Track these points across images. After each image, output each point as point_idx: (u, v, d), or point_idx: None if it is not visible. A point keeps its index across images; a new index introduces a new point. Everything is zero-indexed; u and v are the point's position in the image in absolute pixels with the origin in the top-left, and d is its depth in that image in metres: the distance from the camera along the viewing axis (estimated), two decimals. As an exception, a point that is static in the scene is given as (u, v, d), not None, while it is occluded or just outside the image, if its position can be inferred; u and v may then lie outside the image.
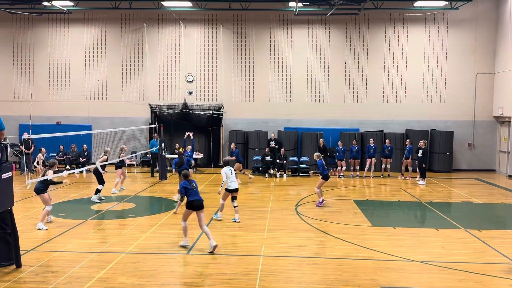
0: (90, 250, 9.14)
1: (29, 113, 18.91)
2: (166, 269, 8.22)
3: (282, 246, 9.73)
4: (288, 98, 22.70)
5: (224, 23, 22.65)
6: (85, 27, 23.02)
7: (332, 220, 11.96)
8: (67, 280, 7.56)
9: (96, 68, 23.11)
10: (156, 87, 23.00)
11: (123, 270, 8.07)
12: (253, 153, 21.46)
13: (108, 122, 22.67)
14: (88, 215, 12.31)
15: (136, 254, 8.99)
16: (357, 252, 9.30)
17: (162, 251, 9.27)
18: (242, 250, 9.32)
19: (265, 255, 9.03)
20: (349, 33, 22.39)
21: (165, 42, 22.90)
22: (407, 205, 14.38)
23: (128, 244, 9.66)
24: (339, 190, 16.86)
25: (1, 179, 7.53)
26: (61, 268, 8.11)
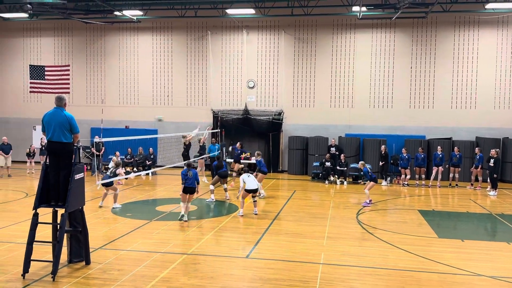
0: (154, 250, 9.47)
1: (100, 117, 20.00)
2: (226, 272, 8.34)
3: (343, 254, 9.55)
4: (350, 104, 22.32)
5: (286, 29, 22.72)
6: (153, 35, 24.01)
7: (395, 230, 11.57)
8: (132, 278, 7.88)
9: (163, 74, 24.02)
10: (219, 92, 23.49)
11: (184, 271, 8.28)
12: (313, 159, 21.28)
13: (173, 127, 23.44)
14: (153, 216, 12.77)
15: (197, 256, 9.20)
16: (421, 264, 8.93)
17: (222, 253, 9.42)
18: (301, 257, 9.24)
19: (325, 263, 8.91)
20: (415, 37, 21.66)
21: (228, 49, 23.36)
22: (476, 216, 13.62)
23: (189, 245, 9.91)
24: (403, 199, 16.30)
25: (74, 180, 8.00)
26: (127, 266, 8.47)
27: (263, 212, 13.44)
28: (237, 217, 12.75)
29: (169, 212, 13.33)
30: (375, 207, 14.44)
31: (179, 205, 13.15)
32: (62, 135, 7.94)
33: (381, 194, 16.98)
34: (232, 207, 14.24)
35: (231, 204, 14.65)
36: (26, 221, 11.42)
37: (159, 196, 16.16)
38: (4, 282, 7.57)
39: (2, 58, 25.42)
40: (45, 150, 20.73)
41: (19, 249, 9.18)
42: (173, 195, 16.19)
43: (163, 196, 16.19)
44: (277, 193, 17.26)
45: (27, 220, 11.38)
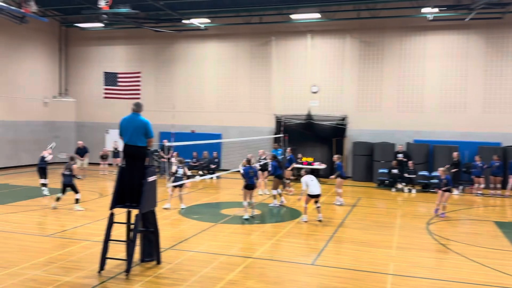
0: (220, 252, 9.63)
1: (169, 122, 20.71)
2: (291, 278, 8.30)
3: (413, 266, 9.18)
4: (419, 108, 21.52)
5: (352, 32, 22.36)
6: (218, 42, 24.57)
7: (469, 242, 10.97)
8: (201, 279, 8.06)
9: (227, 80, 24.48)
10: (282, 97, 23.54)
11: (250, 275, 8.35)
12: (378, 166, 20.70)
13: (236, 131, 23.79)
14: (218, 218, 13.01)
15: (262, 260, 9.24)
16: (498, 279, 8.39)
17: (286, 259, 9.39)
18: (369, 267, 9.00)
19: (394, 273, 8.62)
20: (490, 38, 20.50)
21: (292, 54, 23.37)
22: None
23: (254, 249, 9.98)
24: (476, 209, 15.44)
25: (147, 182, 8.33)
26: (195, 267, 8.68)
27: (327, 219, 13.25)
28: (301, 223, 12.67)
29: (234, 215, 13.51)
30: (446, 217, 13.77)
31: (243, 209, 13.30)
32: (138, 139, 8.33)
33: (453, 204, 16.17)
34: (295, 212, 14.17)
35: (294, 210, 14.59)
36: (101, 220, 12.08)
37: (224, 200, 16.45)
38: (81, 278, 8.02)
39: (80, 66, 27.10)
40: (117, 153, 21.92)
41: (95, 247, 9.71)
42: (237, 198, 16.34)
43: (228, 199, 16.45)
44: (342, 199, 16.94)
45: (101, 220, 12.03)
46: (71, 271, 8.31)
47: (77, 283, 7.75)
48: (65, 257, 9.18)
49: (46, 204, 14.49)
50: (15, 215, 12.97)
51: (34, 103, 25.29)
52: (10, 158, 23.88)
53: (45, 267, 8.54)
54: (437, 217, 13.66)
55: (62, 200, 13.99)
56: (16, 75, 24.17)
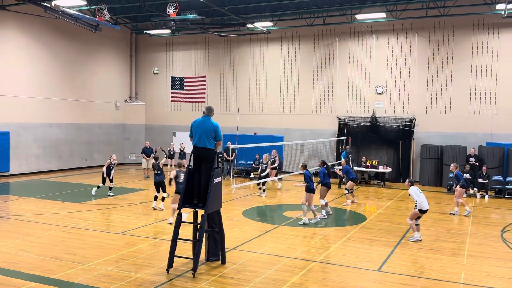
0: (283, 255, 9.66)
1: (233, 125, 21.11)
2: (356, 284, 8.15)
3: (486, 275, 8.70)
4: (493, 110, 20.35)
5: (420, 31, 21.59)
6: (281, 45, 24.68)
7: (550, 253, 10.21)
8: (264, 280, 8.13)
9: (289, 82, 24.52)
10: (345, 99, 23.19)
11: (314, 279, 8.30)
12: (448, 170, 19.71)
13: (298, 134, 23.75)
14: (281, 221, 13.05)
15: (326, 264, 9.15)
16: None
17: (351, 264, 9.23)
18: (438, 275, 8.64)
19: (466, 283, 8.21)
20: None
21: (356, 55, 22.97)
22: None
23: (317, 253, 9.91)
24: (558, 218, 14.32)
25: (213, 183, 8.55)
26: (259, 268, 8.77)
27: (393, 224, 12.88)
28: (364, 228, 12.40)
29: (296, 218, 13.49)
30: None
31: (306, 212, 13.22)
32: (207, 141, 8.61)
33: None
34: (358, 216, 13.89)
35: (357, 214, 14.31)
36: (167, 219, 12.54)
37: (285, 202, 16.46)
38: (151, 275, 8.37)
39: (149, 71, 28.30)
40: (184, 154, 22.60)
41: (164, 245, 10.10)
42: (299, 201, 16.32)
43: (289, 202, 16.45)
44: (408, 204, 16.40)
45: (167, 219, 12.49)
46: (141, 268, 8.70)
47: (146, 280, 8.09)
48: (135, 254, 9.62)
49: (110, 203, 15.26)
50: (90, 213, 13.79)
51: (106, 107, 26.75)
52: (85, 159, 25.40)
53: (117, 263, 8.99)
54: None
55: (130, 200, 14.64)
56: (90, 80, 25.71)
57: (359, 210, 14.94)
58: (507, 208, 15.68)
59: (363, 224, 12.87)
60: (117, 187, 18.30)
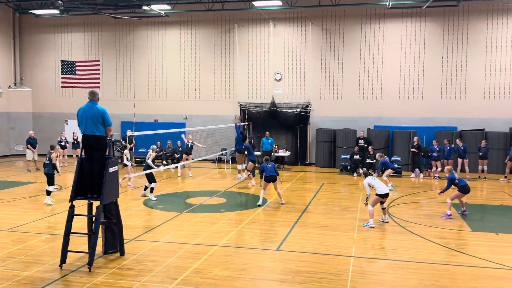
0: (185, 242, 9.60)
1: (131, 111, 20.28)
2: (257, 264, 8.38)
3: (374, 248, 9.47)
4: (379, 95, 22.00)
5: (314, 20, 22.51)
6: (180, 29, 24.19)
7: (427, 223, 11.39)
8: (165, 269, 8.02)
9: (190, 68, 24.20)
10: (245, 85, 23.51)
11: (216, 262, 8.38)
12: (341, 152, 21.09)
13: (200, 120, 23.63)
14: (183, 208, 12.94)
15: (228, 248, 9.28)
16: (455, 258, 8.77)
17: (252, 246, 9.47)
18: (332, 250, 9.21)
19: (356, 256, 8.85)
20: (446, 26, 21.12)
21: (255, 41, 23.32)
22: (511, 209, 13.26)
23: (220, 237, 10.00)
24: (434, 192, 16.00)
25: (108, 173, 8.17)
26: (160, 257, 8.62)
27: (291, 204, 13.44)
28: (266, 210, 12.79)
29: (199, 204, 13.48)
30: (405, 199, 14.23)
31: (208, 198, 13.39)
32: (95, 128, 8.13)
33: (412, 187, 16.73)
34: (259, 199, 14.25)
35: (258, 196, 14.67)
36: (61, 213, 11.79)
37: (189, 189, 16.36)
38: (42, 272, 7.82)
39: (35, 54, 26.08)
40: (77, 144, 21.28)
41: (56, 240, 9.48)
42: (203, 187, 16.38)
43: (193, 188, 16.38)
44: (305, 185, 17.23)
45: (62, 212, 11.74)
46: (31, 266, 8.09)
47: (37, 278, 7.55)
48: (24, 251, 8.91)
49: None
50: (-30, 210, 12.46)
51: (-13, 94, 24.22)
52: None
53: (3, 262, 8.27)
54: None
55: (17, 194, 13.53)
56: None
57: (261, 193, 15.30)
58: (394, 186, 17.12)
59: (264, 206, 13.24)
60: (2, 181, 16.75)
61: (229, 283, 7.46)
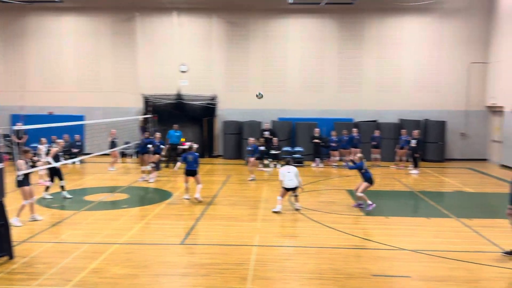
0: (83, 241, 9.14)
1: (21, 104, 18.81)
2: (160, 260, 8.24)
3: (276, 236, 9.79)
4: (283, 88, 22.65)
5: (218, 12, 22.48)
6: (76, 16, 22.77)
7: (326, 210, 12.02)
8: (60, 271, 7.57)
9: (89, 58, 22.91)
10: (150, 77, 22.85)
11: (116, 261, 8.08)
12: (247, 144, 21.38)
13: (101, 112, 22.52)
14: (81, 206, 12.28)
15: (130, 245, 9.00)
16: (349, 241, 9.36)
17: (155, 241, 9.29)
18: (236, 240, 9.35)
19: (259, 245, 9.07)
20: (343, 22, 22.31)
21: (158, 31, 22.72)
22: (399, 194, 14.48)
23: (121, 235, 9.66)
24: (332, 180, 16.93)
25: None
26: (54, 259, 8.11)
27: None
28: (170, 204, 12.59)
29: (99, 201, 12.88)
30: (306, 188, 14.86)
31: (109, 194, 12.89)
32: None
33: (312, 176, 17.52)
34: (165, 194, 14.02)
35: (163, 191, 14.42)
36: None
37: (88, 185, 15.54)
38: None
39: None
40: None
41: None
42: (103, 183, 15.68)
43: (92, 185, 15.59)
44: (212, 178, 17.25)
45: None
46: None
47: None
48: None
49: None
50: None
51: None
52: None
53: None
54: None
55: None
56: None
57: (166, 187, 15.05)
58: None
59: (169, 200, 13.04)
60: None
61: (129, 281, 7.24)
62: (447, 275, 7.60)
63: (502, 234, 9.67)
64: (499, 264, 8.14)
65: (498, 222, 10.77)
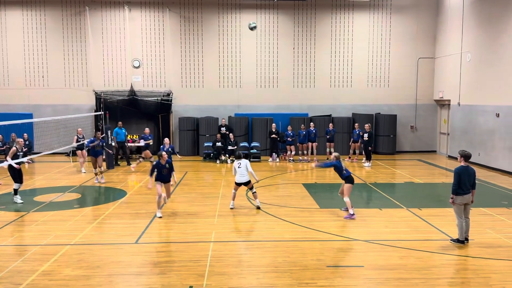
0: (33, 243, 8.80)
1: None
2: (113, 260, 8.06)
3: (232, 231, 9.80)
4: (238, 84, 22.65)
5: (171, 6, 22.14)
6: (22, 10, 21.79)
7: (282, 204, 12.14)
8: (9, 274, 7.25)
9: (36, 53, 22.01)
10: (101, 72, 22.24)
11: (68, 262, 7.83)
12: (204, 140, 21.30)
13: (50, 110, 21.74)
14: (31, 207, 11.80)
15: (82, 246, 8.75)
16: (304, 234, 9.51)
17: (108, 241, 9.07)
18: (192, 237, 9.29)
19: (215, 240, 9.05)
20: (297, 18, 22.54)
21: (109, 26, 22.12)
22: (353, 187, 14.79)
23: (73, 235, 9.37)
24: (288, 174, 17.12)
25: None
26: (2, 262, 7.77)
27: (153, 195, 13.17)
28: (124, 203, 12.33)
29: (50, 202, 12.43)
30: (264, 182, 14.97)
31: (60, 194, 12.49)
32: None
33: (269, 171, 17.65)
34: (118, 192, 13.72)
35: (117, 190, 14.10)
36: None
37: (38, 186, 14.95)
38: None
39: None
40: None
41: None
42: (53, 183, 15.14)
43: (42, 185, 15.00)
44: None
45: None
46: None
47: None
48: None
49: None
50: None
51: None
52: None
53: None
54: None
55: None
56: None
57: (120, 186, 14.73)
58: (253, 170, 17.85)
59: (123, 199, 12.77)
60: None
61: (82, 282, 7.04)
62: (398, 264, 7.88)
63: (450, 223, 10.13)
64: (448, 251, 8.51)
65: (446, 211, 11.27)
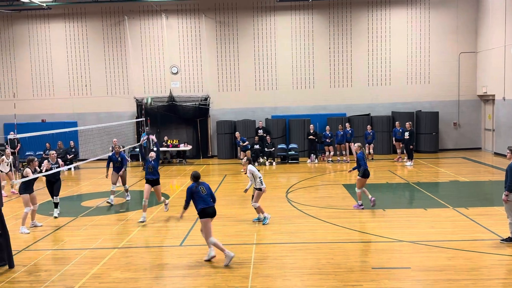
0: (82, 247, 9.13)
1: (13, 112, 18.70)
2: (160, 262, 8.26)
3: (274, 233, 9.82)
4: (274, 86, 22.68)
5: (207, 12, 22.47)
6: (65, 22, 22.68)
7: (323, 205, 12.07)
8: (61, 278, 7.56)
9: (79, 63, 22.84)
10: (141, 80, 22.81)
11: (116, 265, 8.08)
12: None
13: (94, 118, 22.49)
14: (79, 212, 12.26)
15: (129, 249, 9.00)
16: (348, 236, 9.42)
17: (154, 244, 9.30)
18: (235, 240, 9.38)
19: (258, 243, 9.11)
20: (332, 18, 22.36)
21: (148, 34, 22.67)
22: (395, 186, 14.56)
23: (120, 239, 9.66)
24: (328, 175, 16.99)
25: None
26: (55, 266, 8.11)
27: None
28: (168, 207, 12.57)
29: (96, 207, 12.86)
30: (302, 184, 14.92)
31: (106, 199, 12.92)
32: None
33: (309, 172, 17.57)
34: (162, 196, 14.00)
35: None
36: None
37: (84, 191, 15.51)
38: None
39: None
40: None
41: None
42: (99, 189, 15.65)
43: (88, 190, 15.56)
44: (208, 178, 17.22)
45: None
46: None
47: None
48: None
49: None
50: None
51: None
52: None
53: None
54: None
55: None
56: None
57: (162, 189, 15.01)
58: (291, 172, 17.87)
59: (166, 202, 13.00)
60: None
61: (130, 285, 7.25)
62: (447, 265, 7.67)
63: (498, 222, 9.78)
64: (498, 251, 8.22)
65: (495, 210, 10.89)
